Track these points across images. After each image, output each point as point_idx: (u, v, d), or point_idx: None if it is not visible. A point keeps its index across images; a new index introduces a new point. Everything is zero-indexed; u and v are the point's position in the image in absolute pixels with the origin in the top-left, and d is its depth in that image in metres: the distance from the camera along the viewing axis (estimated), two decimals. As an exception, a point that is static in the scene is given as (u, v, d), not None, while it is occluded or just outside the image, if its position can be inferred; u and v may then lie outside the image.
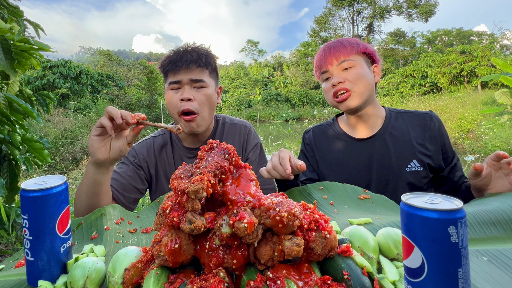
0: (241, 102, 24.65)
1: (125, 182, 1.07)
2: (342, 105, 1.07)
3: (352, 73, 1.05)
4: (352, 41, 1.09)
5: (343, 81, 1.05)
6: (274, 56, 42.73)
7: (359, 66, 1.06)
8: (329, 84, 1.08)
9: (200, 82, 1.06)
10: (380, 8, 30.04)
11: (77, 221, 0.73)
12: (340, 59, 1.06)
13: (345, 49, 1.07)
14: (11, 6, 1.42)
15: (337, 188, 0.82)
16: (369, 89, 1.06)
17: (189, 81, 1.05)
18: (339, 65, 1.06)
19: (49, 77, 13.24)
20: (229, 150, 0.52)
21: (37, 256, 0.50)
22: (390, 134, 1.09)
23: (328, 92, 1.09)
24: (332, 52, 1.08)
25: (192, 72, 1.05)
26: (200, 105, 1.05)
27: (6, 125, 1.39)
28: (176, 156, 1.17)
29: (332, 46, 1.09)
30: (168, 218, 0.46)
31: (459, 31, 34.67)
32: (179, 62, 1.04)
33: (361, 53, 1.08)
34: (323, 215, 0.48)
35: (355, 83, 1.04)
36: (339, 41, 1.10)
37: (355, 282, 0.42)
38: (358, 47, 1.08)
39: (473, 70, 17.46)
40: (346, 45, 1.08)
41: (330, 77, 1.09)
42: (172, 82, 1.06)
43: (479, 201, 0.68)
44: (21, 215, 0.52)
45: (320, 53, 1.13)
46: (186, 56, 1.05)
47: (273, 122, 7.14)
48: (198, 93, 1.06)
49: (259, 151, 1.23)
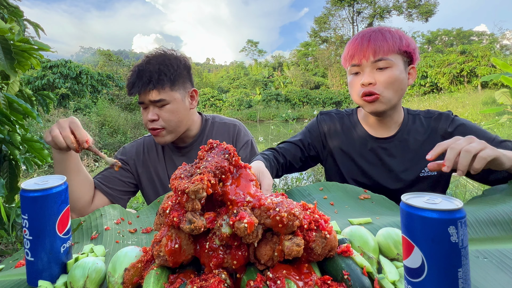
0: (241, 102, 24.65)
1: (109, 175, 1.13)
2: (368, 106, 0.98)
3: (386, 75, 0.94)
4: (395, 35, 0.96)
5: (374, 83, 0.95)
6: (274, 56, 42.74)
7: (395, 68, 0.94)
8: (358, 81, 0.98)
9: (160, 102, 1.06)
10: (380, 8, 30.04)
11: (77, 221, 0.73)
12: (378, 56, 0.94)
13: (386, 45, 0.94)
14: (11, 6, 1.42)
15: (337, 188, 0.82)
16: (400, 95, 0.98)
17: (149, 102, 1.07)
18: (375, 63, 0.94)
19: (49, 77, 13.24)
20: (229, 150, 0.52)
21: (37, 256, 0.50)
22: (405, 137, 1.03)
23: (354, 88, 1.00)
24: (371, 45, 0.95)
25: (149, 94, 1.05)
26: (164, 121, 1.08)
27: (6, 125, 1.39)
28: (166, 155, 1.22)
29: (372, 37, 0.96)
30: (168, 218, 0.46)
31: (459, 31, 34.70)
32: (135, 87, 1.05)
33: (401, 52, 0.96)
34: (323, 215, 0.48)
35: (387, 88, 0.94)
36: (381, 32, 0.97)
37: (355, 282, 0.42)
38: (400, 44, 0.95)
39: (473, 70, 17.47)
40: (388, 39, 0.95)
41: (361, 73, 0.98)
42: (139, 102, 1.10)
43: (479, 201, 0.68)
44: (21, 215, 0.52)
45: (355, 41, 0.99)
46: (139, 79, 1.05)
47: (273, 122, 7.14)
48: (161, 111, 1.07)
49: (249, 148, 1.24)
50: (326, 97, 23.96)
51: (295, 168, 1.13)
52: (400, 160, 1.03)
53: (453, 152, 0.67)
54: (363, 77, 0.96)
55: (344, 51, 1.04)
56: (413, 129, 1.04)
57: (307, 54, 36.69)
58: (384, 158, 1.04)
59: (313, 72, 33.70)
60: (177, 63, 1.10)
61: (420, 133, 1.03)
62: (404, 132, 1.04)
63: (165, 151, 1.22)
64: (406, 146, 1.03)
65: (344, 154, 1.11)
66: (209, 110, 24.16)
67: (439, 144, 0.72)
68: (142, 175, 1.20)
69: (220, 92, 28.02)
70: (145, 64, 1.08)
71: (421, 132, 1.03)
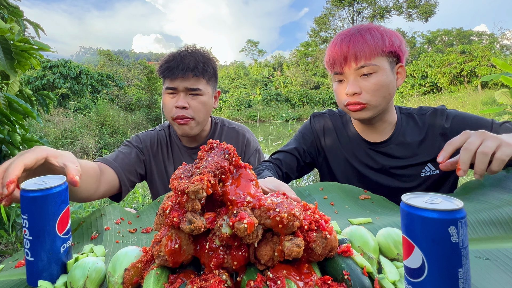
0: (241, 102, 24.65)
1: (129, 163, 1.10)
2: (353, 114, 0.94)
3: (372, 82, 0.88)
4: (376, 35, 0.88)
5: (359, 92, 0.89)
6: (274, 56, 42.75)
7: (381, 72, 0.88)
8: (343, 89, 0.92)
9: (196, 91, 1.07)
10: (380, 8, 30.04)
11: (77, 221, 0.73)
12: (360, 62, 0.87)
13: (367, 48, 0.86)
14: (11, 6, 1.42)
15: (338, 188, 0.82)
16: (388, 100, 0.92)
17: (185, 89, 1.06)
18: (358, 70, 0.88)
19: (49, 77, 13.24)
20: (229, 150, 0.52)
21: (37, 256, 0.50)
22: (401, 139, 0.98)
23: (339, 96, 0.95)
24: (351, 50, 0.87)
25: (188, 81, 1.05)
26: (194, 111, 1.07)
27: (6, 125, 1.39)
28: (175, 153, 1.21)
29: (351, 41, 0.88)
30: (168, 218, 0.46)
31: (459, 31, 34.69)
32: (176, 70, 1.04)
33: (385, 53, 0.88)
34: (323, 215, 0.48)
35: (373, 95, 0.88)
36: (361, 34, 0.88)
37: (355, 282, 0.42)
38: (383, 44, 0.87)
39: (473, 70, 17.47)
40: (368, 41, 0.87)
41: (345, 80, 0.93)
42: (169, 88, 1.07)
43: (478, 200, 0.68)
44: (21, 215, 0.51)
45: (335, 46, 0.91)
46: (183, 63, 1.04)
47: (273, 122, 7.14)
48: (193, 100, 1.07)
49: (258, 155, 1.24)
50: (326, 97, 23.95)
51: (291, 178, 1.10)
52: (397, 162, 0.99)
53: (467, 154, 0.62)
54: (347, 86, 0.90)
55: (325, 56, 0.97)
56: (408, 129, 1.00)
57: (307, 54, 36.67)
58: (381, 162, 1.00)
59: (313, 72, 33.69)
60: (215, 61, 1.14)
61: (416, 133, 0.99)
62: (400, 134, 0.99)
63: (173, 149, 1.21)
64: (403, 148, 0.98)
65: (339, 157, 1.07)
66: (209, 110, 24.09)
67: (450, 143, 0.67)
68: (153, 168, 1.19)
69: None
70: (188, 53, 1.08)
71: (417, 132, 0.99)
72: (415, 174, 0.98)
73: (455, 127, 0.93)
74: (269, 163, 1.05)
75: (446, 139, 0.80)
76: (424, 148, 0.97)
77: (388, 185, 1.00)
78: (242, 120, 20.74)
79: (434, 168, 0.96)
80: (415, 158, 0.97)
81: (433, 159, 0.95)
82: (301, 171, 1.11)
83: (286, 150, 1.09)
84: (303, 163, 1.10)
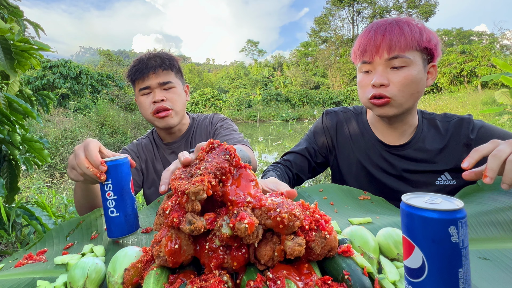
0: (241, 102, 24.65)
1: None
2: (376, 109, 0.88)
3: (402, 76, 0.82)
4: (415, 28, 0.83)
5: (387, 84, 0.83)
6: (274, 56, 42.74)
7: (413, 67, 0.82)
8: (369, 81, 0.86)
9: (169, 84, 1.14)
10: (380, 8, 30.04)
11: (77, 221, 0.73)
12: (393, 53, 0.81)
13: (404, 40, 0.81)
14: (11, 6, 1.42)
15: (337, 189, 0.82)
16: (415, 98, 0.86)
17: (158, 85, 1.13)
18: (389, 61, 0.82)
19: (49, 77, 13.24)
20: (230, 151, 0.52)
21: (122, 211, 0.63)
22: (420, 145, 0.94)
23: (364, 88, 0.89)
24: (385, 39, 0.82)
25: (159, 76, 1.13)
26: (172, 102, 1.14)
27: (6, 125, 1.39)
28: (160, 153, 1.27)
29: (387, 30, 0.83)
30: (168, 218, 0.46)
31: (459, 31, 34.70)
32: (145, 69, 1.11)
33: (421, 48, 0.83)
34: (324, 215, 0.48)
35: (401, 90, 0.83)
36: (398, 25, 0.83)
37: (355, 282, 0.42)
38: (420, 39, 0.82)
39: (473, 70, 17.47)
40: (406, 33, 0.81)
41: (372, 71, 0.86)
42: (142, 88, 1.13)
43: (479, 202, 0.68)
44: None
45: (368, 34, 0.86)
46: (150, 63, 1.12)
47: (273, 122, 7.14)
48: (168, 93, 1.14)
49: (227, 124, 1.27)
50: (326, 97, 23.94)
51: (303, 180, 1.06)
52: (413, 166, 0.94)
53: (497, 162, 0.58)
54: (374, 77, 0.84)
55: (355, 44, 0.91)
56: (429, 135, 0.94)
57: (307, 54, 36.68)
58: (397, 165, 0.95)
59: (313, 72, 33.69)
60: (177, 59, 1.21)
61: (437, 140, 0.93)
62: (419, 139, 0.94)
63: (158, 149, 1.27)
64: (421, 153, 0.93)
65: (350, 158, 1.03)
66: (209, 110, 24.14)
67: (477, 150, 0.62)
68: (144, 174, 1.26)
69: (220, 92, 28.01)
70: (152, 55, 1.16)
71: (438, 139, 0.93)
72: (430, 181, 0.93)
73: (481, 138, 0.88)
74: (278, 165, 1.04)
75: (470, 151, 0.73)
76: (444, 156, 0.92)
77: (400, 190, 0.95)
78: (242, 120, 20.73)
79: (451, 178, 0.91)
80: (432, 165, 0.92)
81: (451, 169, 0.91)
82: (314, 171, 1.09)
83: (296, 151, 1.07)
84: (314, 164, 1.07)
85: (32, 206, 1.43)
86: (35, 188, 3.54)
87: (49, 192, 3.22)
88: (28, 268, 0.58)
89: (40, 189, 3.58)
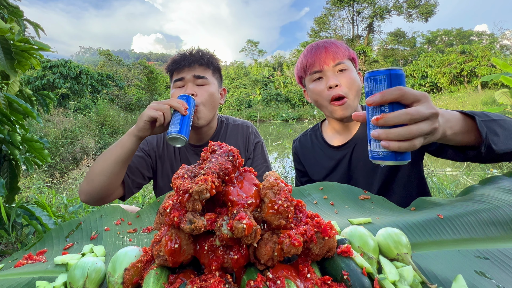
0: (241, 102, 24.65)
1: (133, 165, 1.14)
2: (338, 111, 1.02)
3: (347, 76, 1.01)
4: (343, 44, 1.06)
5: (339, 84, 1.00)
6: (274, 56, 42.75)
7: (351, 70, 1.03)
8: (323, 86, 1.02)
9: (203, 79, 1.11)
10: (380, 8, 30.03)
11: (77, 221, 0.73)
12: (336, 60, 1.01)
13: (340, 51, 1.03)
14: (11, 6, 1.42)
15: (337, 188, 0.82)
16: (359, 95, 1.04)
17: (192, 78, 1.10)
18: (335, 67, 1.02)
19: (49, 77, 13.24)
20: (233, 152, 0.52)
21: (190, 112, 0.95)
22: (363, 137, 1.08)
23: (322, 94, 1.03)
24: (328, 52, 1.02)
25: (195, 69, 1.11)
26: (202, 99, 1.10)
27: (6, 125, 1.39)
28: (182, 151, 1.23)
29: (326, 46, 1.04)
30: (169, 217, 0.46)
31: (459, 31, 34.72)
32: (183, 62, 1.11)
33: (350, 58, 1.06)
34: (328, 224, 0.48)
35: (350, 88, 1.00)
36: (332, 42, 1.06)
37: (355, 282, 0.42)
38: (348, 51, 1.05)
39: (473, 70, 17.47)
40: (340, 47, 1.04)
41: (323, 78, 1.04)
42: (177, 79, 1.12)
43: (478, 201, 0.68)
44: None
45: (310, 52, 1.06)
46: (189, 57, 1.12)
47: (273, 122, 7.14)
48: (200, 89, 1.11)
49: (259, 150, 1.26)
50: (326, 97, 23.91)
51: None
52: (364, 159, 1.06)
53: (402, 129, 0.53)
54: (328, 81, 1.01)
55: (299, 63, 1.10)
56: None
57: (307, 54, 36.58)
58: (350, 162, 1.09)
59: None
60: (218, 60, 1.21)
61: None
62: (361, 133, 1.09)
63: (180, 149, 1.24)
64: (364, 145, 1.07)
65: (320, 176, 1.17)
66: (209, 110, 24.07)
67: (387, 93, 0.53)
68: (159, 169, 1.23)
69: (220, 92, 27.91)
70: (193, 50, 1.17)
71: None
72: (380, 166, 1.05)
73: None
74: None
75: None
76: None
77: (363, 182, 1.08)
78: (242, 120, 20.68)
79: None
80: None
81: None
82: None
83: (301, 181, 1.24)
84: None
85: (32, 206, 1.43)
86: (35, 188, 3.54)
87: (49, 192, 3.22)
88: (27, 268, 0.58)
89: (40, 189, 3.58)
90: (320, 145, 1.18)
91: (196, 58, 1.12)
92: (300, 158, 1.24)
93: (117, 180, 0.99)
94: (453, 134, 0.61)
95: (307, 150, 1.22)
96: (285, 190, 0.47)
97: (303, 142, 1.25)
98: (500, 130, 0.67)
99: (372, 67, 25.98)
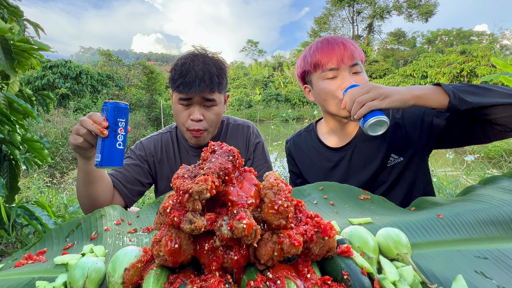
0: (241, 102, 24.64)
1: (129, 175, 1.11)
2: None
3: (364, 79, 0.96)
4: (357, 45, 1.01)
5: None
6: (274, 56, 42.73)
7: (364, 73, 0.99)
8: (336, 85, 0.96)
9: (211, 101, 1.05)
10: (380, 8, 30.02)
11: (77, 221, 0.73)
12: (354, 60, 0.95)
13: (357, 51, 0.97)
14: (11, 6, 1.42)
15: (337, 188, 0.82)
16: None
17: (200, 100, 1.04)
18: (352, 67, 0.96)
19: (49, 77, 13.24)
20: (233, 152, 0.52)
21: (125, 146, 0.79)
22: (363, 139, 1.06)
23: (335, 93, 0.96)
24: (346, 49, 0.95)
25: (203, 93, 1.03)
26: (208, 123, 1.07)
27: (6, 125, 1.39)
28: (182, 153, 1.21)
29: (345, 43, 0.97)
30: (169, 217, 0.46)
31: (459, 31, 34.72)
32: (193, 87, 1.00)
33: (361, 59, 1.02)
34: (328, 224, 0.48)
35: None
36: (348, 40, 0.99)
37: (354, 282, 0.42)
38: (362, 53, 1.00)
39: (473, 70, 17.46)
40: (356, 46, 0.98)
41: (336, 77, 0.97)
42: (183, 99, 1.04)
43: (478, 201, 0.68)
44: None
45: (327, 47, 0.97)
46: (198, 79, 1.00)
47: (273, 122, 7.14)
48: (207, 111, 1.06)
49: (260, 150, 1.25)
50: (326, 97, 23.91)
51: None
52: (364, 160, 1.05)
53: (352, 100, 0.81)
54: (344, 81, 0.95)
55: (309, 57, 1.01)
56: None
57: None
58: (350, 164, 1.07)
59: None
60: (226, 68, 1.11)
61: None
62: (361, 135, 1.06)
63: (181, 151, 1.22)
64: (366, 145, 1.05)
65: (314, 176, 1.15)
66: (209, 110, 24.09)
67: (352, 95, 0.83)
68: (159, 173, 1.21)
69: (220, 92, 27.90)
70: (201, 64, 1.03)
71: None
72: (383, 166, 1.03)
73: (407, 115, 1.02)
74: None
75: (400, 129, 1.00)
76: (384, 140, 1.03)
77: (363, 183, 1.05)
78: (242, 120, 20.68)
79: (397, 156, 1.02)
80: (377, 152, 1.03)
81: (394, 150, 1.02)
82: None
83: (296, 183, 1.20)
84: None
85: (32, 206, 1.43)
86: (35, 188, 3.54)
87: (49, 192, 3.22)
88: (27, 268, 0.58)
89: (40, 189, 3.58)
90: (315, 146, 1.15)
91: (205, 81, 1.01)
92: (294, 159, 1.21)
93: (100, 197, 0.96)
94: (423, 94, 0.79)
95: (301, 151, 1.19)
96: (285, 190, 0.47)
97: (297, 142, 1.21)
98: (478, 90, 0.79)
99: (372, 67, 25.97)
